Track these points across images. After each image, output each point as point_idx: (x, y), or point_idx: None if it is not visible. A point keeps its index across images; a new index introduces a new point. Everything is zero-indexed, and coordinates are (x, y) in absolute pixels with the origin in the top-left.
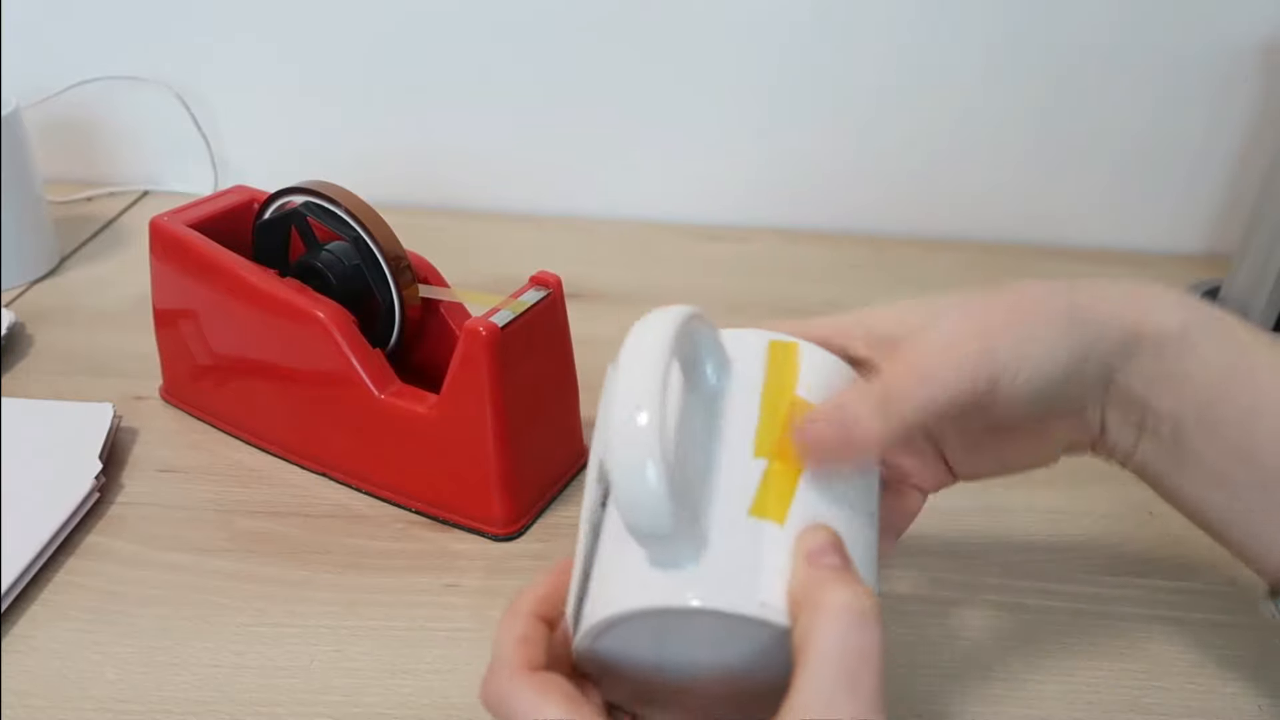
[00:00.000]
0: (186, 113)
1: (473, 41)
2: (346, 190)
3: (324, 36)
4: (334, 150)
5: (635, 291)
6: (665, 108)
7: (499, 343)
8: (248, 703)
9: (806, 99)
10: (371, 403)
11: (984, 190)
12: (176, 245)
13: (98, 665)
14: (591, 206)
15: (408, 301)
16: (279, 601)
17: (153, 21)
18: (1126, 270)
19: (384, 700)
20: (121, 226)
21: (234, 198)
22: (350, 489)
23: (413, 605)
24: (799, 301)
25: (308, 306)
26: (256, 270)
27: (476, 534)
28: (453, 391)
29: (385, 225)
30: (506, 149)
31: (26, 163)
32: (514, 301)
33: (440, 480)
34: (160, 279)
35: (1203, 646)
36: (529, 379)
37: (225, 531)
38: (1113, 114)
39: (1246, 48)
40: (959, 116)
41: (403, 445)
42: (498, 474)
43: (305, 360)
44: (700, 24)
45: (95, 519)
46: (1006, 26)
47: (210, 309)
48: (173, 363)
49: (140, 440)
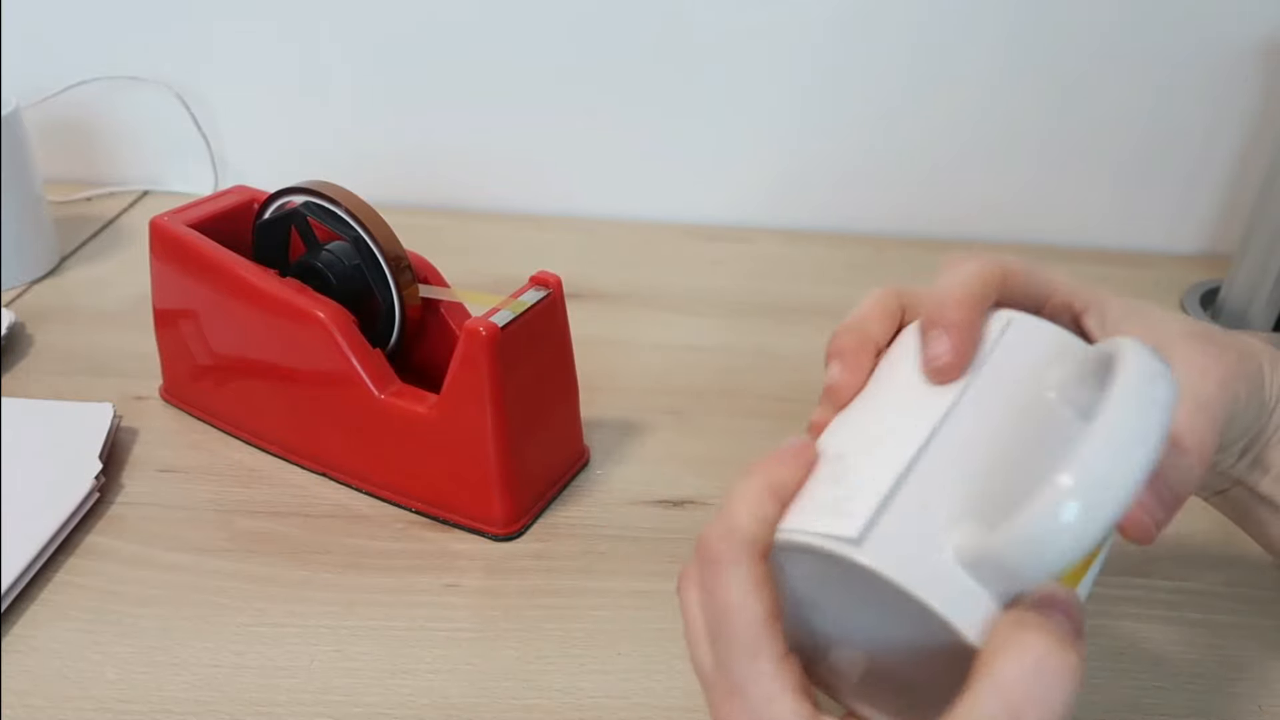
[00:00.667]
0: (186, 113)
1: (473, 41)
2: (346, 190)
3: (324, 36)
4: (334, 150)
5: (635, 291)
6: (665, 108)
7: (499, 343)
8: (248, 703)
9: (806, 100)
10: (371, 403)
11: (985, 190)
12: (176, 245)
13: (98, 665)
14: (591, 206)
15: (408, 301)
16: (279, 601)
17: (153, 21)
18: (1126, 270)
19: (384, 700)
20: (121, 226)
21: (234, 198)
22: (350, 489)
23: (413, 605)
24: (799, 301)
25: (308, 306)
26: (256, 270)
27: (476, 534)
28: (453, 391)
29: (385, 225)
30: (506, 149)
31: (26, 163)
32: (514, 301)
33: (440, 480)
34: (160, 279)
35: (1203, 646)
36: (529, 379)
37: (225, 531)
38: (1113, 114)
39: (1246, 48)
40: (959, 117)
41: (403, 445)
42: (498, 474)
43: (305, 360)
44: (700, 25)
45: (95, 519)
46: (1007, 29)
47: (210, 309)
48: (173, 363)
49: (140, 440)
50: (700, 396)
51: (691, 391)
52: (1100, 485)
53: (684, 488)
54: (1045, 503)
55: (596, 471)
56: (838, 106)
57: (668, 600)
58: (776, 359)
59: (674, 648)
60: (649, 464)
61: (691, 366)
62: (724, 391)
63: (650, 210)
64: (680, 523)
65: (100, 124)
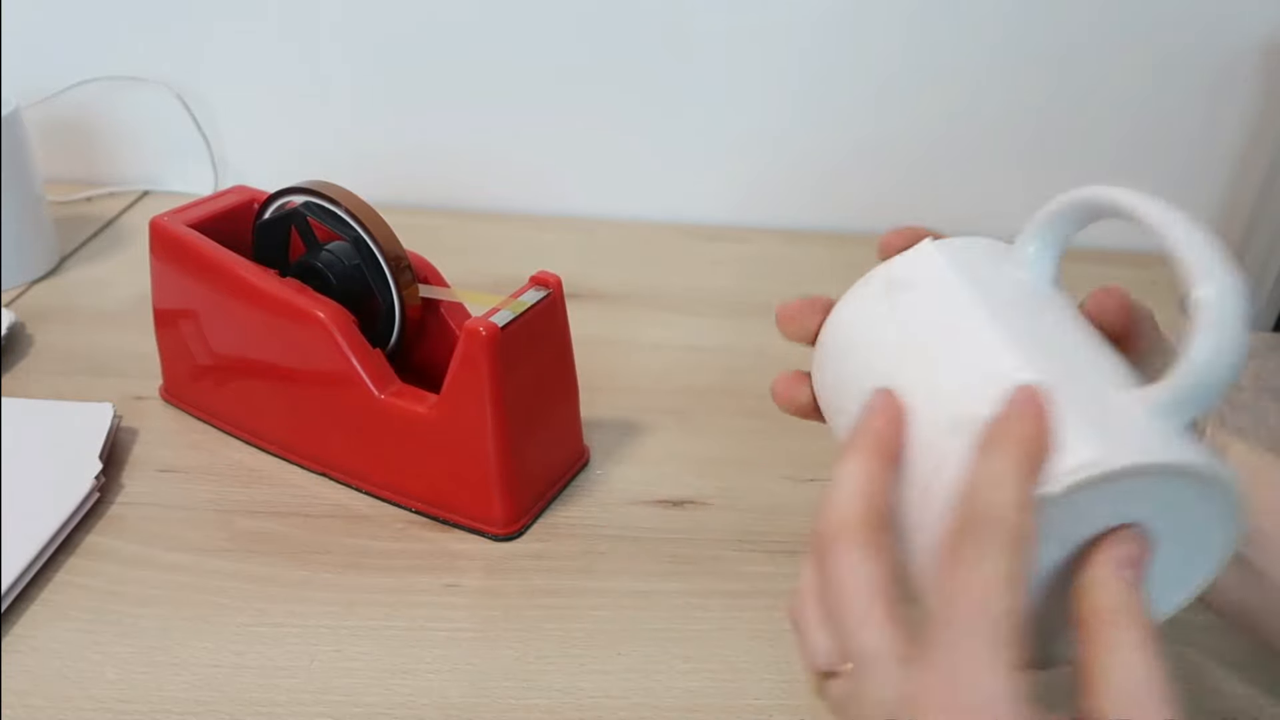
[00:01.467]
0: (186, 113)
1: (473, 42)
2: (346, 190)
3: (324, 37)
4: (334, 150)
5: (635, 291)
6: (666, 108)
7: (499, 343)
8: (248, 703)
9: (806, 100)
10: (371, 403)
11: (985, 190)
12: (177, 245)
13: (98, 665)
14: (591, 206)
15: (408, 301)
16: (279, 601)
17: (153, 21)
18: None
19: (384, 700)
20: (121, 226)
21: (234, 198)
22: (350, 489)
23: (413, 605)
24: None
25: (308, 306)
26: (256, 270)
27: (476, 534)
28: (453, 391)
29: (385, 225)
30: (506, 149)
31: (26, 163)
32: (514, 301)
33: (440, 480)
34: (160, 279)
35: (1203, 647)
36: (529, 379)
37: (225, 531)
38: (1112, 114)
39: (1246, 48)
40: (960, 118)
41: (403, 445)
42: (498, 474)
43: (305, 360)
44: (701, 25)
45: (95, 519)
46: (1006, 28)
47: (210, 309)
48: (173, 363)
49: (140, 440)
50: (700, 396)
51: (692, 391)
52: (1231, 289)
53: (684, 488)
54: (1209, 313)
55: (596, 471)
56: (839, 107)
57: (668, 600)
58: (777, 359)
59: (674, 648)
60: (649, 464)
61: (692, 366)
62: (724, 391)
63: (650, 210)
64: (680, 523)
65: (100, 124)
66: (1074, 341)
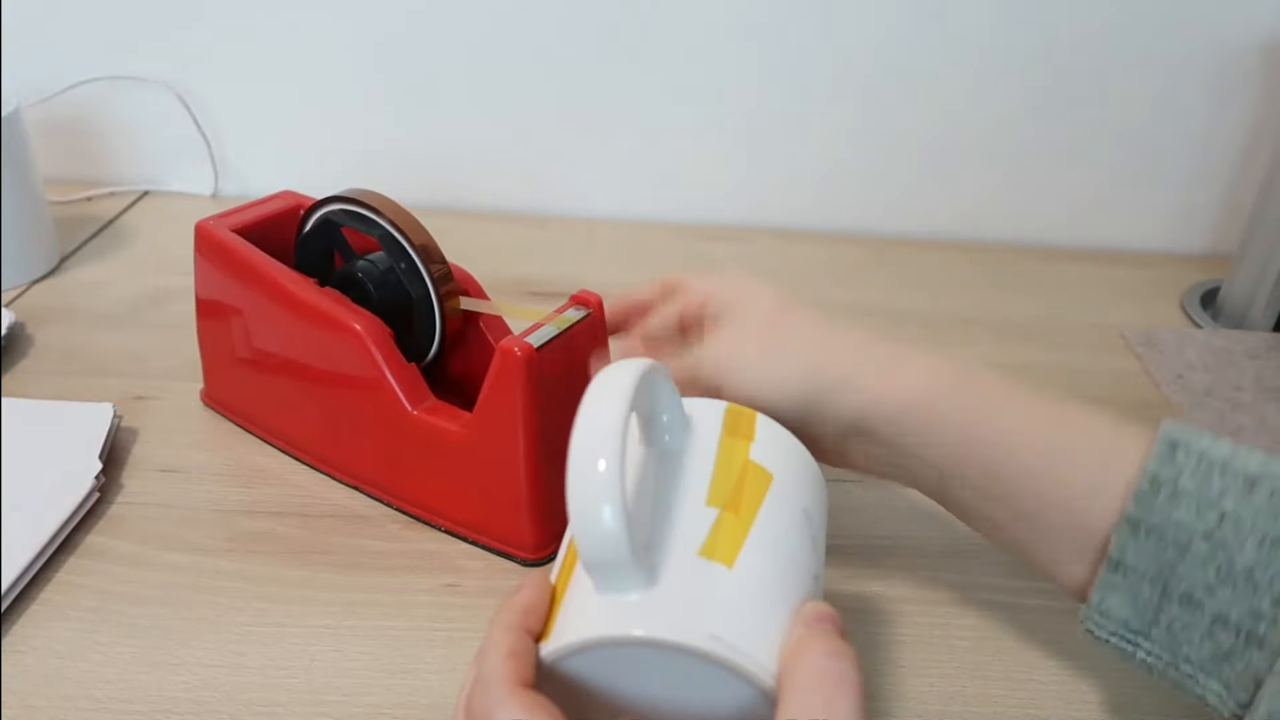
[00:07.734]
0: (186, 113)
1: (473, 43)
2: (388, 199)
3: (325, 37)
4: (334, 150)
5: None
6: (666, 108)
7: (533, 364)
8: (248, 703)
9: (807, 100)
10: (404, 417)
11: (984, 191)
12: (220, 251)
13: (98, 665)
14: (591, 206)
15: (449, 314)
16: (279, 601)
17: (153, 21)
18: (1127, 270)
19: (384, 700)
20: (121, 226)
21: (280, 203)
22: (350, 489)
23: (413, 605)
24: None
25: (344, 318)
26: (296, 279)
27: (505, 557)
28: (485, 411)
29: (427, 234)
30: (506, 149)
31: (26, 163)
32: (556, 318)
33: (470, 500)
34: (204, 284)
35: None
36: (565, 401)
37: (226, 531)
38: (1113, 114)
39: (1246, 48)
40: (960, 118)
41: (434, 462)
42: (528, 497)
43: (341, 371)
44: (700, 25)
45: (95, 519)
46: (1007, 28)
47: (251, 316)
48: (214, 369)
49: (140, 440)
50: None
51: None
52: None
53: None
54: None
55: None
56: (839, 107)
57: None
58: None
59: None
60: None
61: None
62: None
63: (650, 210)
64: None
65: (100, 124)
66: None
